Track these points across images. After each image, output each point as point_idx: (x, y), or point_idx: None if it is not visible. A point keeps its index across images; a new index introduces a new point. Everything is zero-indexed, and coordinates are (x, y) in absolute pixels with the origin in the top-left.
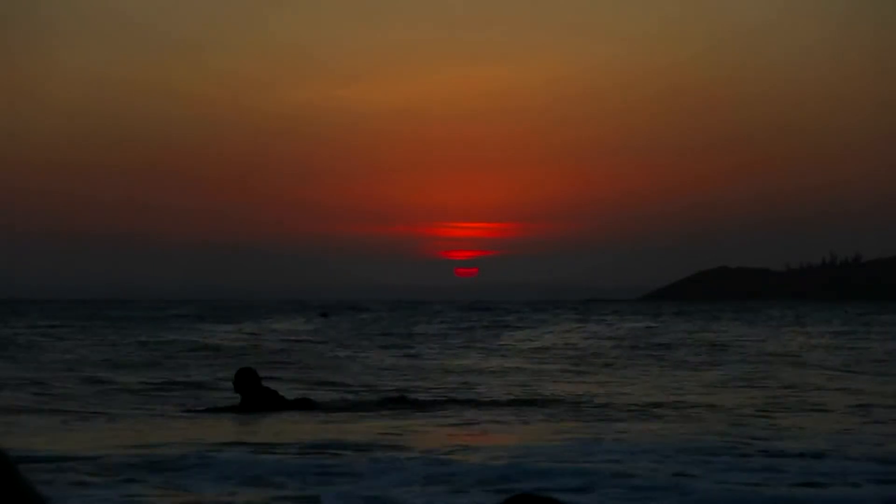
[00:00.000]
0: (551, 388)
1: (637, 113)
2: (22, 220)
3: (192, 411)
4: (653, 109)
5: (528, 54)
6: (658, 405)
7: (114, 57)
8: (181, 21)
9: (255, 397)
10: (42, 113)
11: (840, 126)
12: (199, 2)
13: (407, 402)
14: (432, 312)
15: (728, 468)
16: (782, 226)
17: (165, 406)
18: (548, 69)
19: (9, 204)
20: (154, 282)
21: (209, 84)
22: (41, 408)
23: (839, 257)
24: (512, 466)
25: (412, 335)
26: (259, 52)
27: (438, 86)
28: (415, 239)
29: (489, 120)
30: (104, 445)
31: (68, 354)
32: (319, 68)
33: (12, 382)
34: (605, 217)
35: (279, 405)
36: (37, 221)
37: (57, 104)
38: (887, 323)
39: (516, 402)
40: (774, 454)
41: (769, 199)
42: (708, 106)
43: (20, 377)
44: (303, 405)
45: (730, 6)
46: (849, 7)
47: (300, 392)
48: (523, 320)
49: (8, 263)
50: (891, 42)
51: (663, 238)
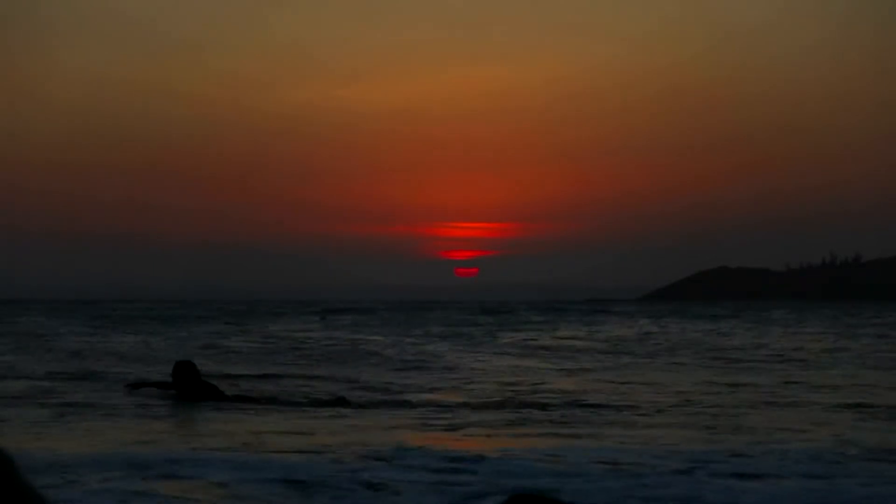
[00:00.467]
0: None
1: (637, 113)
2: (22, 220)
3: (133, 386)
4: (653, 109)
5: (529, 54)
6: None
7: (114, 57)
8: (181, 21)
9: (194, 390)
10: (42, 113)
11: (840, 126)
12: (200, 1)
13: (347, 403)
14: (430, 316)
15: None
16: (782, 226)
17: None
18: (548, 69)
19: (9, 204)
20: (154, 282)
21: (209, 84)
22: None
23: (839, 257)
24: (515, 466)
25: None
26: (259, 52)
27: (438, 86)
28: (415, 239)
29: (489, 120)
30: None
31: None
32: (320, 68)
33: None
34: (605, 217)
35: (220, 397)
36: (37, 221)
37: (57, 104)
38: None
39: (559, 405)
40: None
41: (769, 199)
42: (708, 106)
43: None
44: (241, 399)
45: (730, 6)
46: (849, 7)
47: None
48: (582, 320)
49: (8, 263)
50: (891, 42)
51: (663, 238)
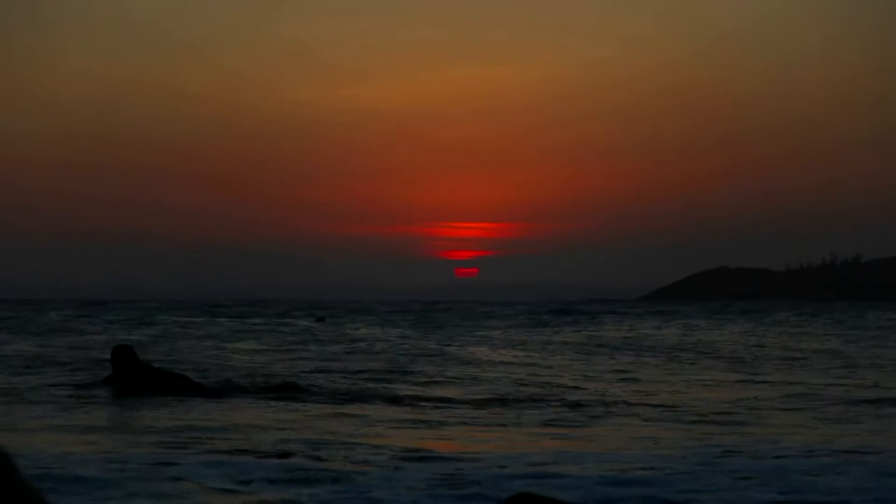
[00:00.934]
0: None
1: (637, 113)
2: (22, 220)
3: (78, 386)
4: (652, 109)
5: (529, 54)
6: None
7: (115, 56)
8: (183, 20)
9: (133, 375)
10: (43, 112)
11: (840, 126)
12: (201, 1)
13: (298, 389)
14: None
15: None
16: (782, 226)
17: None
18: (548, 69)
19: (9, 204)
20: (154, 282)
21: (211, 83)
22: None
23: (839, 257)
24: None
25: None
26: (261, 52)
27: (439, 86)
28: (415, 239)
29: (489, 120)
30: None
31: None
32: (321, 68)
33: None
34: (605, 217)
35: (158, 384)
36: (37, 221)
37: (58, 104)
38: None
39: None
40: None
41: (769, 199)
42: (707, 106)
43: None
44: (187, 387)
45: (729, 6)
46: (848, 7)
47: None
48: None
49: (8, 263)
50: (890, 42)
51: (663, 238)
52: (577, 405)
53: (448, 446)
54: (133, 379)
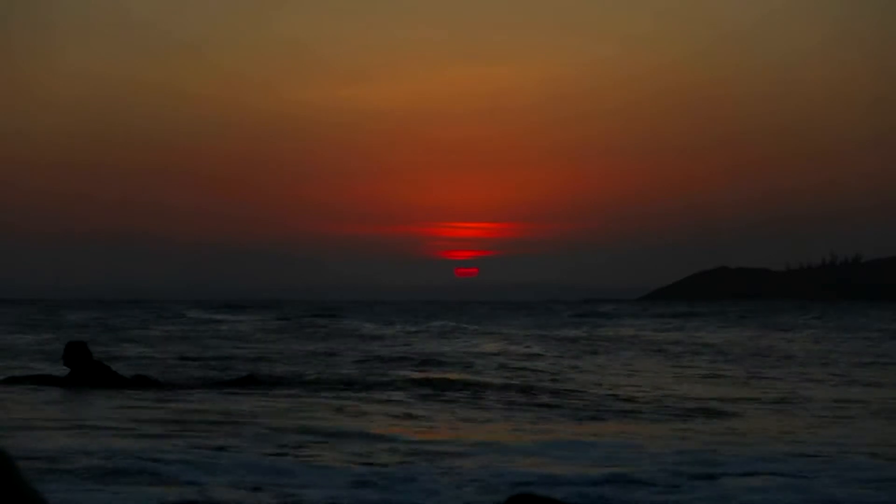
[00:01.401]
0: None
1: (636, 113)
2: (22, 220)
3: (17, 380)
4: (652, 109)
5: (528, 54)
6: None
7: (116, 56)
8: (183, 20)
9: (86, 371)
10: (43, 112)
11: (840, 126)
12: (202, 1)
13: (258, 381)
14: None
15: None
16: (782, 226)
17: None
18: (548, 69)
19: (9, 204)
20: (154, 282)
21: (211, 83)
22: None
23: (839, 257)
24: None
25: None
26: (261, 52)
27: (439, 86)
28: (415, 239)
29: (489, 120)
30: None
31: None
32: (321, 68)
33: None
34: (605, 217)
35: (113, 381)
36: (37, 221)
37: (58, 103)
38: None
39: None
40: None
41: (769, 199)
42: (707, 106)
43: None
44: (141, 383)
45: (729, 6)
46: (848, 7)
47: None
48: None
49: (8, 263)
50: (890, 42)
51: (663, 238)
52: (596, 404)
53: (435, 435)
54: (91, 376)
